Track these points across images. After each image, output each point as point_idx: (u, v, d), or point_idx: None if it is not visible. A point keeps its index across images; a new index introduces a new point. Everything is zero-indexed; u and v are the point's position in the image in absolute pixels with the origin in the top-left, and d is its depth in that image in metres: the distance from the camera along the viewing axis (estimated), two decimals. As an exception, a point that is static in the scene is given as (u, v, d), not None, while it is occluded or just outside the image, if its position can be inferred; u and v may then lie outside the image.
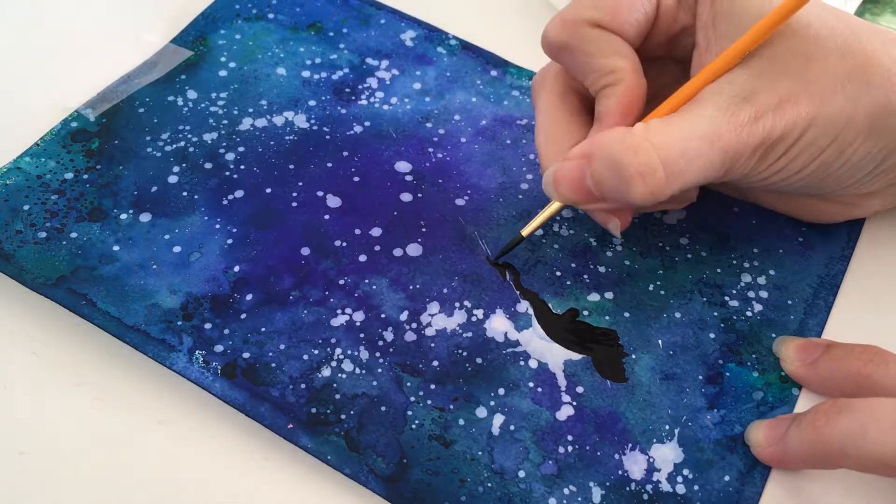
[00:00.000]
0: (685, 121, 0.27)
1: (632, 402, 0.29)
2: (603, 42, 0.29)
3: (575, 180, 0.28)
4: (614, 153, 0.27)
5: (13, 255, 0.31)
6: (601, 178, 0.27)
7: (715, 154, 0.27)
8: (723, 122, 0.27)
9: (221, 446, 0.28)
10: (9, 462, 0.28)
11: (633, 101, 0.29)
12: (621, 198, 0.27)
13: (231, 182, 0.34)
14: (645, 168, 0.26)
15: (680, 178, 0.27)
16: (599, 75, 0.29)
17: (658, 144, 0.26)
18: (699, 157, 0.27)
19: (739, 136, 0.27)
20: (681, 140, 0.27)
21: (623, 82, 0.29)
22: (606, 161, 0.27)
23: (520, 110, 0.37)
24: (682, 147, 0.27)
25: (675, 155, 0.26)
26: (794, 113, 0.27)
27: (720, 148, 0.27)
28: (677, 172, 0.27)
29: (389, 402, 0.29)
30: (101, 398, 0.29)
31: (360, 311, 0.31)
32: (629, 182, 0.27)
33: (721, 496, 0.27)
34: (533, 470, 0.28)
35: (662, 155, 0.26)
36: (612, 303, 0.31)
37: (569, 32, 0.30)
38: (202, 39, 0.39)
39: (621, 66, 0.29)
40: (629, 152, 0.26)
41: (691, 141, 0.27)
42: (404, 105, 0.37)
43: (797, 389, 0.29)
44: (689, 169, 0.27)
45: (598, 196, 0.28)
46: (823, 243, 0.33)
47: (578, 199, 0.29)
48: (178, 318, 0.30)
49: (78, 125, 0.36)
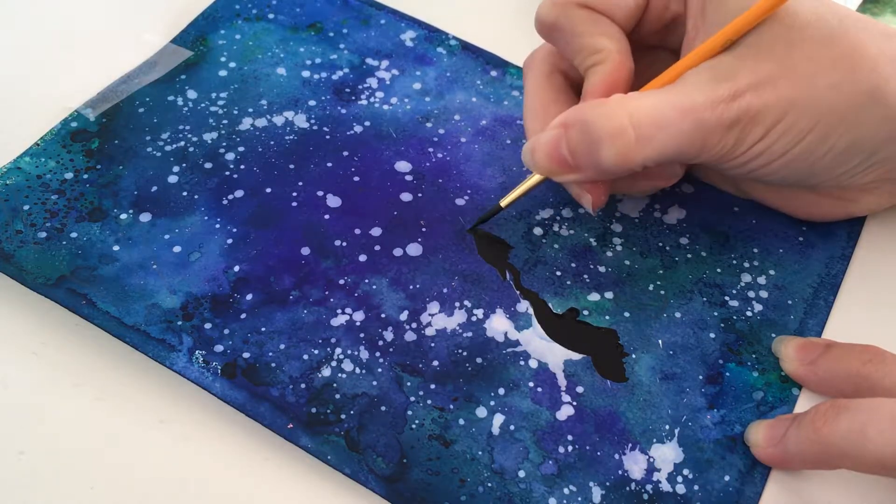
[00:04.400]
0: (662, 93, 0.28)
1: (632, 402, 0.29)
2: (590, 22, 0.30)
3: (551, 149, 0.29)
4: (587, 117, 0.28)
5: (13, 255, 0.31)
6: (575, 144, 0.28)
7: (687, 124, 0.27)
8: (698, 95, 0.27)
9: (221, 446, 0.28)
10: (9, 462, 0.28)
11: (617, 79, 0.30)
12: (593, 163, 0.28)
13: (231, 182, 0.34)
14: (615, 130, 0.27)
15: (649, 144, 0.27)
16: (587, 54, 0.30)
17: (631, 110, 0.27)
18: (670, 125, 0.27)
19: (714, 111, 0.27)
20: (653, 108, 0.27)
21: (608, 61, 0.30)
22: (580, 126, 0.28)
23: (520, 110, 0.37)
24: (654, 114, 0.27)
25: (647, 120, 0.27)
26: (774, 94, 0.27)
27: (693, 119, 0.27)
28: (647, 137, 0.27)
29: (389, 401, 0.29)
30: (101, 398, 0.29)
31: (360, 311, 0.31)
32: (599, 144, 0.27)
33: (721, 496, 0.27)
34: (533, 470, 0.28)
35: (634, 119, 0.27)
36: (612, 303, 0.31)
37: (558, 12, 0.31)
38: (202, 39, 0.39)
39: (607, 45, 0.30)
40: (602, 116, 0.27)
41: (664, 109, 0.27)
42: (404, 105, 0.37)
43: (797, 389, 0.29)
44: (658, 136, 0.27)
45: (573, 165, 0.29)
46: (824, 243, 0.33)
47: (554, 167, 0.29)
48: (178, 318, 0.30)
49: (78, 125, 0.36)
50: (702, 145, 0.28)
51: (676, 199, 0.35)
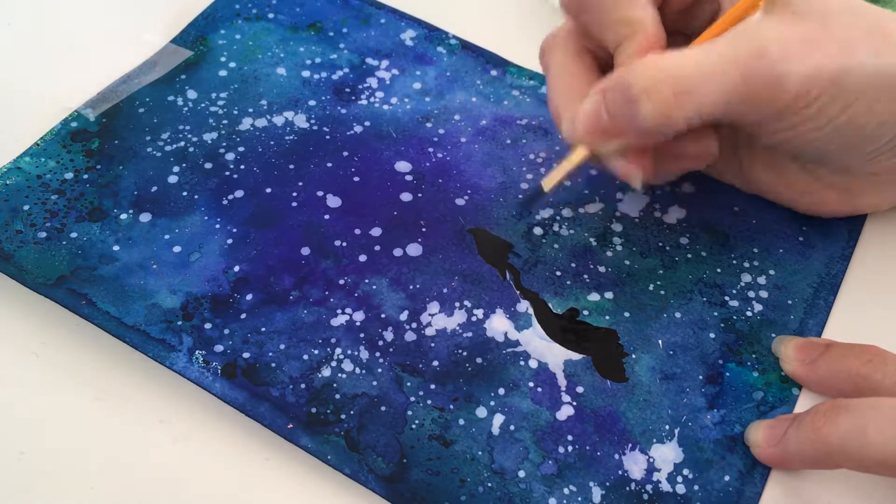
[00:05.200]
0: (703, 46, 0.27)
1: (632, 402, 0.29)
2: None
3: (591, 116, 0.28)
4: (624, 76, 0.27)
5: (13, 255, 0.31)
6: (614, 106, 0.27)
7: (734, 74, 0.26)
8: (746, 46, 0.26)
9: (221, 446, 0.28)
10: (9, 462, 0.28)
11: (651, 49, 0.29)
12: (632, 123, 0.27)
13: (231, 182, 0.34)
14: (651, 85, 0.26)
15: (691, 97, 0.26)
16: (618, 27, 0.29)
17: (669, 65, 0.26)
18: (714, 75, 0.26)
19: (764, 62, 0.26)
20: (694, 59, 0.26)
21: (641, 32, 0.29)
22: (618, 86, 0.27)
23: (520, 110, 0.37)
24: (695, 64, 0.26)
25: (687, 71, 0.26)
26: (824, 58, 0.26)
27: (741, 70, 0.26)
28: (687, 90, 0.26)
29: (389, 401, 0.29)
30: (101, 398, 0.29)
31: (360, 311, 0.31)
32: (637, 101, 0.26)
33: (721, 496, 0.27)
34: (533, 470, 0.28)
35: (673, 73, 0.26)
36: (612, 303, 0.31)
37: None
38: (202, 39, 0.39)
39: (639, 16, 0.29)
40: (637, 74, 0.26)
41: (709, 60, 0.26)
42: (404, 105, 0.37)
43: (797, 389, 0.29)
44: (701, 88, 0.26)
45: (612, 129, 0.28)
46: (824, 243, 0.33)
47: (595, 135, 0.28)
48: (178, 318, 0.30)
49: (78, 125, 0.36)
50: (752, 98, 0.26)
51: (676, 199, 0.35)
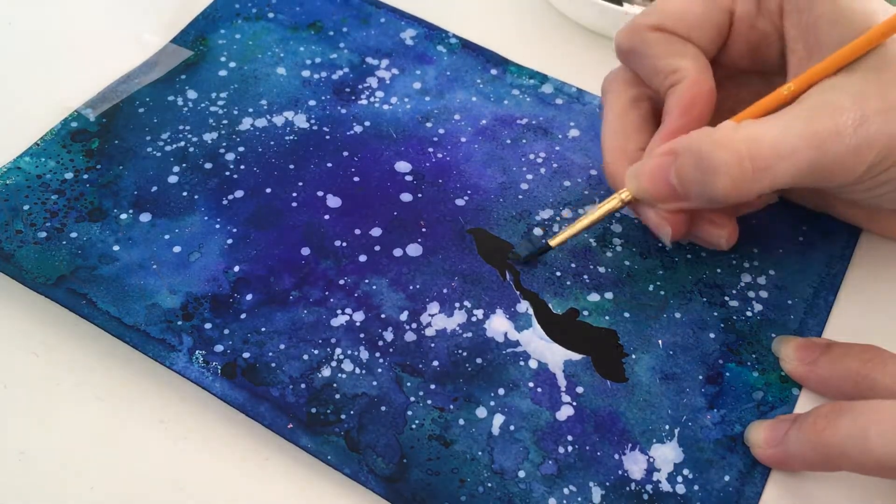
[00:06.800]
0: (780, 118, 0.26)
1: (632, 402, 0.29)
2: (665, 44, 0.29)
3: (658, 176, 0.28)
4: (701, 146, 0.26)
5: (13, 255, 0.31)
6: (685, 172, 0.27)
7: (811, 153, 0.26)
8: (824, 121, 0.26)
9: (221, 446, 0.28)
10: (9, 462, 0.28)
11: (695, 96, 0.29)
12: (704, 192, 0.27)
13: (231, 182, 0.34)
14: (731, 160, 0.26)
15: (768, 174, 0.26)
16: (664, 76, 0.30)
17: (747, 138, 0.26)
18: (793, 153, 0.26)
19: (840, 138, 0.26)
20: (773, 136, 0.26)
21: (686, 80, 0.29)
22: (692, 154, 0.27)
23: (520, 110, 0.37)
24: (773, 142, 0.26)
25: (765, 149, 0.26)
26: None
27: (818, 147, 0.26)
28: (764, 168, 0.26)
29: (389, 402, 0.29)
30: (101, 398, 0.29)
31: (360, 311, 0.31)
32: (714, 173, 0.26)
33: (721, 496, 0.27)
34: (533, 470, 0.28)
35: (751, 148, 0.26)
36: (612, 303, 0.31)
37: (633, 37, 0.30)
38: (202, 39, 0.39)
39: (683, 65, 0.29)
40: (716, 145, 0.26)
41: (785, 137, 0.26)
42: (404, 105, 0.37)
43: (797, 389, 0.29)
44: (778, 165, 0.26)
45: (681, 193, 0.28)
46: (824, 243, 0.33)
47: (659, 194, 0.28)
48: (178, 318, 0.30)
49: (78, 125, 0.36)
50: (826, 173, 0.26)
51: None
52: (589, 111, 0.37)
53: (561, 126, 0.37)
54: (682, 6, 0.30)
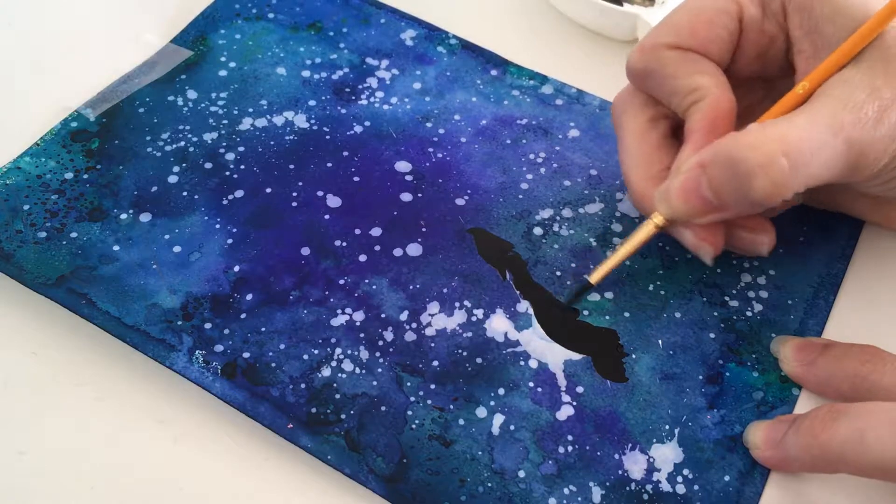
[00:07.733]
0: (803, 114, 0.26)
1: (632, 402, 0.29)
2: (682, 62, 0.29)
3: (690, 190, 0.27)
4: (732, 152, 0.26)
5: (13, 255, 0.31)
6: (719, 181, 0.26)
7: (839, 145, 0.25)
8: (846, 114, 0.26)
9: (221, 446, 0.28)
10: (9, 462, 0.28)
11: (718, 114, 0.28)
12: (743, 197, 0.26)
13: (231, 182, 0.34)
14: (766, 159, 0.25)
15: (804, 170, 0.25)
16: (683, 95, 0.29)
17: (777, 136, 0.25)
18: (823, 146, 0.25)
19: (865, 129, 0.25)
20: (802, 130, 0.25)
21: (707, 98, 0.28)
22: (724, 161, 0.26)
23: (520, 110, 0.37)
24: (803, 136, 0.25)
25: (797, 144, 0.25)
26: None
27: (844, 139, 0.25)
28: (801, 163, 0.25)
29: (389, 401, 0.29)
30: (101, 398, 0.29)
31: (360, 311, 0.31)
32: (751, 176, 0.25)
33: (721, 496, 0.27)
34: (533, 470, 0.28)
35: (783, 145, 0.25)
36: (612, 303, 0.31)
37: (648, 58, 0.29)
38: (202, 39, 0.39)
39: (704, 83, 0.28)
40: (748, 148, 0.25)
41: (813, 131, 0.25)
42: (404, 105, 0.37)
43: (797, 389, 0.29)
44: (813, 160, 0.25)
45: (717, 204, 0.27)
46: (824, 242, 0.33)
47: (693, 210, 0.28)
48: (178, 318, 0.30)
49: (78, 125, 0.36)
50: (855, 167, 0.26)
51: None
52: (589, 112, 0.37)
53: (561, 126, 0.37)
54: (694, 20, 0.29)
